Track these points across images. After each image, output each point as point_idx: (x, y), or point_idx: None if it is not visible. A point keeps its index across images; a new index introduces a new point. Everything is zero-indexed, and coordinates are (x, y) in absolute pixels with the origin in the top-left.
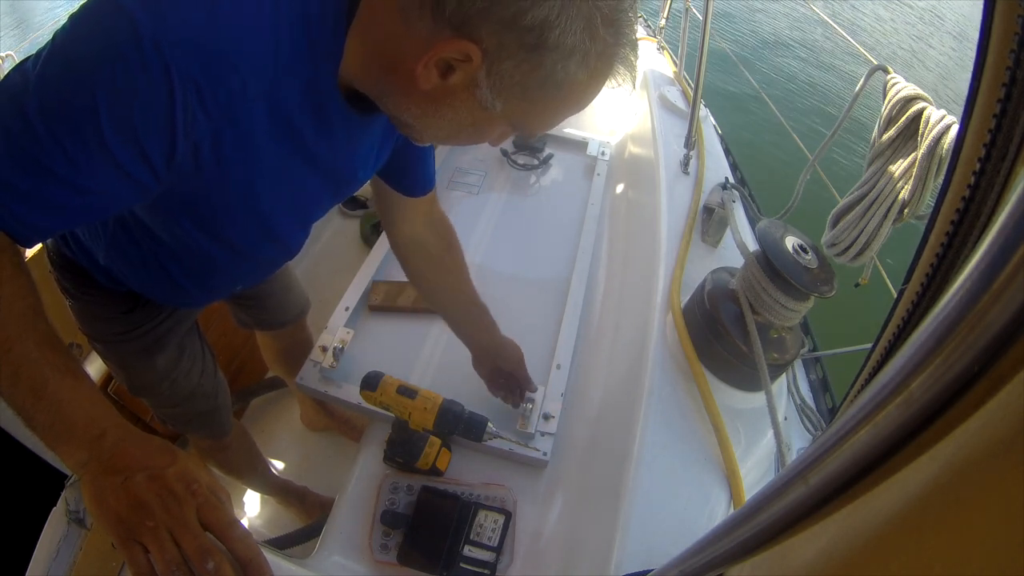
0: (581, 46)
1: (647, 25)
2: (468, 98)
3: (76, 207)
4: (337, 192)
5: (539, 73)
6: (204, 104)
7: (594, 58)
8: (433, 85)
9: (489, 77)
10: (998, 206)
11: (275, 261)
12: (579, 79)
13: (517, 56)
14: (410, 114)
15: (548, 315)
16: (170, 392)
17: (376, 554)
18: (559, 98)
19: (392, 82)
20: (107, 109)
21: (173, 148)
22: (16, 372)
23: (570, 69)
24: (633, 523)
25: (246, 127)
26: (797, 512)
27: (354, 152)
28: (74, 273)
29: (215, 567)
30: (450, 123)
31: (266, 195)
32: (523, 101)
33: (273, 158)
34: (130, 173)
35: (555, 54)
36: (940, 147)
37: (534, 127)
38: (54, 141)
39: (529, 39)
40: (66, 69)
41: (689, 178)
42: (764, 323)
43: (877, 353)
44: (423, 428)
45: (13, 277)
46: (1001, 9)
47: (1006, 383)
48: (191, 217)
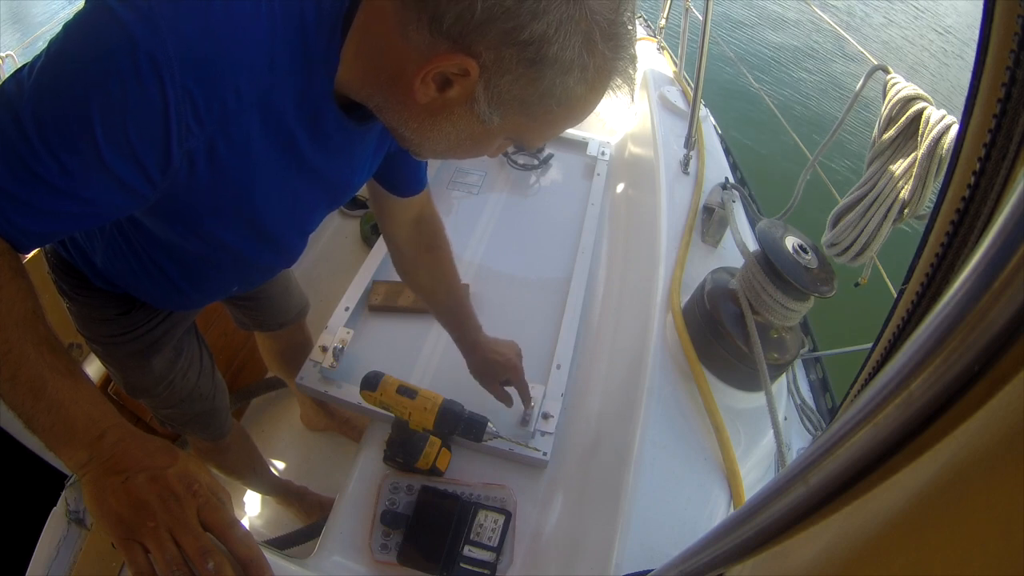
0: (579, 60)
1: (647, 25)
2: (466, 112)
3: (72, 215)
4: (333, 200)
5: (537, 87)
6: (198, 113)
7: (592, 72)
8: (431, 99)
9: (487, 91)
10: (998, 206)
11: (273, 268)
12: (577, 93)
13: (515, 71)
14: (408, 128)
15: (548, 315)
16: (167, 393)
17: (376, 554)
18: (557, 112)
19: (390, 95)
20: (102, 121)
21: (168, 158)
22: (15, 374)
23: (568, 84)
24: (633, 523)
25: (241, 136)
26: (797, 512)
27: (349, 160)
28: (71, 276)
29: (215, 567)
30: (448, 137)
31: (262, 204)
32: (521, 115)
33: (268, 166)
34: (125, 183)
35: (553, 69)
36: (940, 147)
37: (532, 140)
38: (49, 152)
39: (527, 54)
40: (61, 79)
41: (689, 178)
42: (764, 323)
43: (877, 353)
44: (423, 428)
45: (12, 280)
46: (1001, 9)
47: (1006, 383)
48: (187, 223)
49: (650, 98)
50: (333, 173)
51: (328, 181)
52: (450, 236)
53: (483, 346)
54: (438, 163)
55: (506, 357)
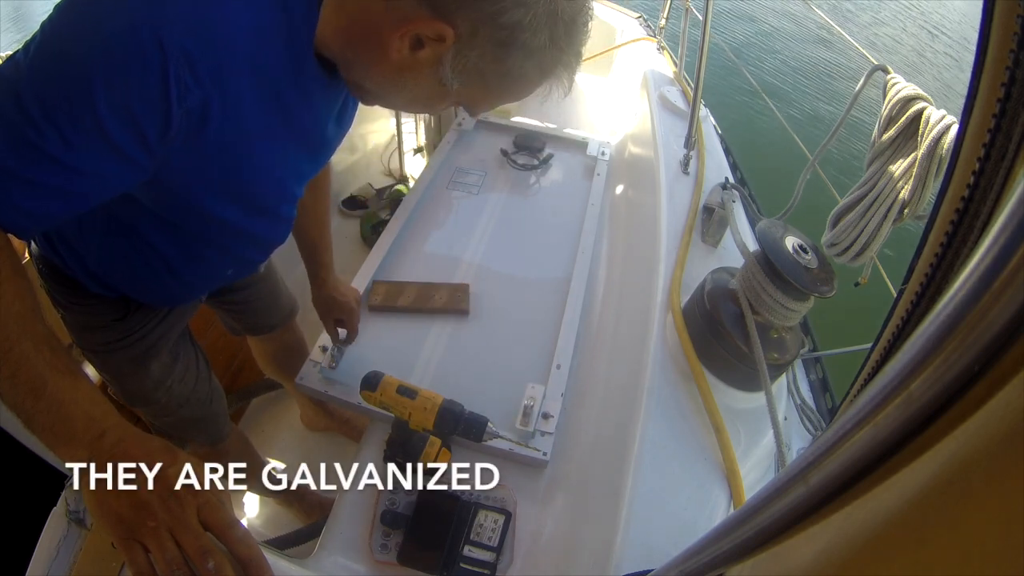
0: (541, 50)
1: (647, 25)
2: (430, 74)
3: (72, 191)
4: (313, 158)
5: (501, 67)
6: (195, 72)
7: (549, 61)
8: (402, 56)
9: (455, 60)
10: (997, 206)
11: (268, 238)
12: (531, 77)
13: (485, 48)
14: (372, 81)
15: (548, 315)
16: (166, 399)
17: (376, 554)
18: (508, 88)
19: (363, 51)
20: (104, 90)
21: (168, 121)
22: (15, 373)
23: (527, 68)
24: (633, 523)
25: (234, 96)
26: (797, 512)
27: (327, 116)
28: (64, 285)
29: (216, 567)
30: (408, 93)
31: (253, 161)
32: (479, 87)
33: (258, 124)
34: (124, 152)
35: (520, 54)
36: (940, 147)
37: (479, 109)
38: (51, 124)
39: (501, 36)
40: (60, 53)
41: (689, 178)
42: (764, 323)
43: (877, 353)
44: (423, 428)
45: (11, 279)
46: (1001, 9)
47: (1006, 383)
48: (181, 196)
49: (650, 98)
50: (314, 130)
51: (310, 138)
52: (450, 236)
53: (329, 284)
54: (438, 163)
55: (346, 298)
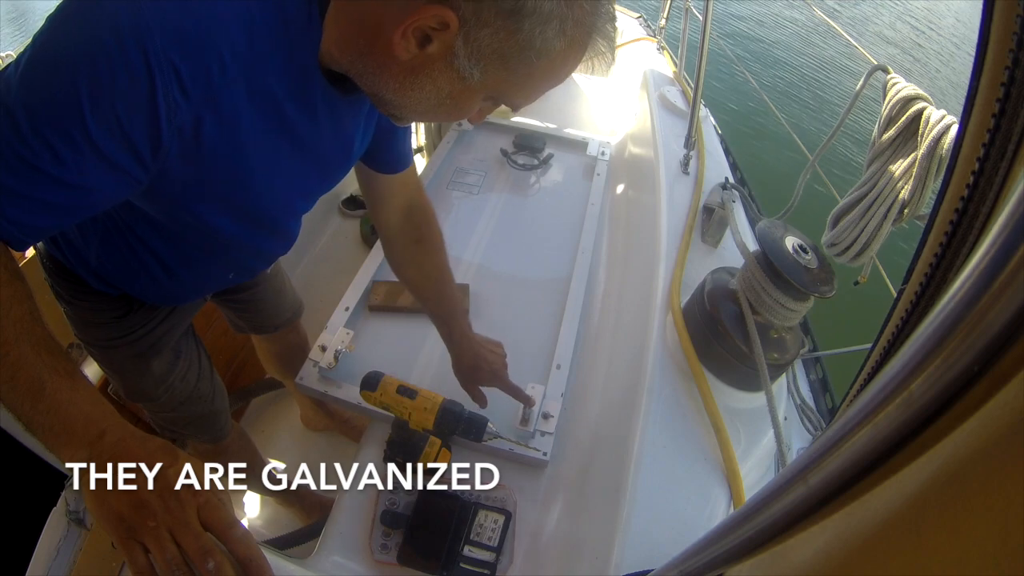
0: (558, 11)
1: (647, 25)
2: (446, 68)
3: (67, 205)
4: (324, 177)
5: (517, 39)
6: (184, 87)
7: (572, 25)
8: (411, 55)
9: (467, 45)
10: (997, 206)
11: (268, 253)
12: (557, 47)
13: (494, 23)
14: (389, 89)
15: (548, 315)
16: (167, 397)
17: (376, 554)
18: (538, 67)
19: (370, 57)
20: (90, 103)
21: (159, 135)
22: (14, 375)
23: (547, 35)
24: (633, 523)
25: (230, 112)
26: (797, 512)
27: (339, 134)
28: (68, 280)
29: (216, 567)
30: (429, 96)
31: (253, 179)
32: (502, 70)
33: (259, 143)
34: (118, 165)
35: (532, 19)
36: (940, 147)
37: (514, 98)
38: (40, 139)
39: (506, 4)
40: (48, 67)
41: (689, 178)
42: (764, 323)
43: (877, 353)
44: (423, 428)
45: (9, 282)
46: (1000, 9)
47: (1006, 383)
48: (180, 207)
49: (650, 98)
50: (324, 148)
51: (319, 156)
52: (450, 236)
53: (470, 348)
54: (438, 163)
55: (492, 368)
